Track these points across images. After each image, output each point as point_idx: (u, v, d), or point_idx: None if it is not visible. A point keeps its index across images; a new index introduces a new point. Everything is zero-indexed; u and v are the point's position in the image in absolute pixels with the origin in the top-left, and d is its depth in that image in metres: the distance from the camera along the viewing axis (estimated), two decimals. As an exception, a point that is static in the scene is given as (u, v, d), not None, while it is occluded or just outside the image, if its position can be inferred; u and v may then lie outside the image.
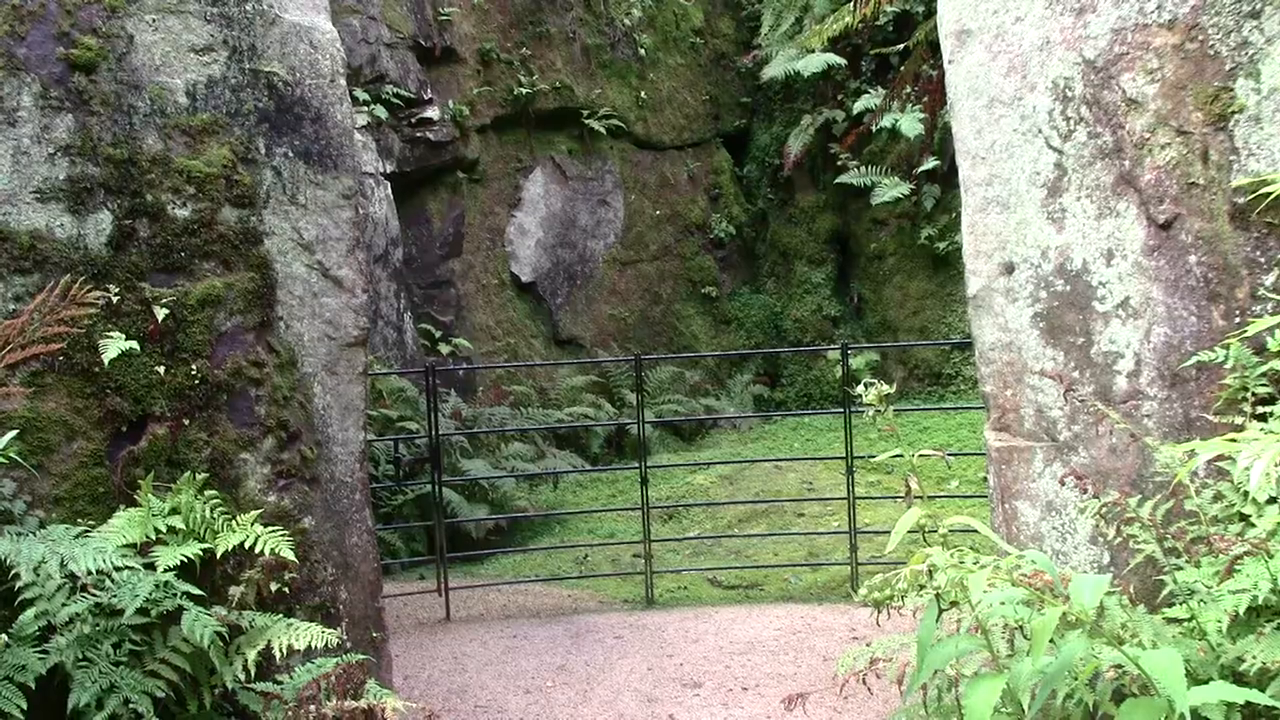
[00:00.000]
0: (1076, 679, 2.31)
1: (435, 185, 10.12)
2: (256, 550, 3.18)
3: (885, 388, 2.45)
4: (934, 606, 2.20)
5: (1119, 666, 2.18)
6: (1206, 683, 2.06)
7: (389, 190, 9.33)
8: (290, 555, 3.16)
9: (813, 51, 11.33)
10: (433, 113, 9.75)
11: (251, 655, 3.06)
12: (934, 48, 6.82)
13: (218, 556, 3.21)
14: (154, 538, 3.15)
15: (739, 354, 12.14)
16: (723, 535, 7.92)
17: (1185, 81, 2.92)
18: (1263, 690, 2.12)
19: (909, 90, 10.96)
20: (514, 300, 10.85)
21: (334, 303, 3.73)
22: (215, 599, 3.24)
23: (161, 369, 3.40)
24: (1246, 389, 2.80)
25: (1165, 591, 2.63)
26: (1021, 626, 2.46)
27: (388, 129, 9.37)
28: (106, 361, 3.29)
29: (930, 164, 11.38)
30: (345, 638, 3.57)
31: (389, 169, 9.37)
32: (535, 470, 8.83)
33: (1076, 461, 3.07)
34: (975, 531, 2.37)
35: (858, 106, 11.66)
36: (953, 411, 10.20)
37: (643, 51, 12.17)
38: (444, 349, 9.76)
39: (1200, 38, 2.91)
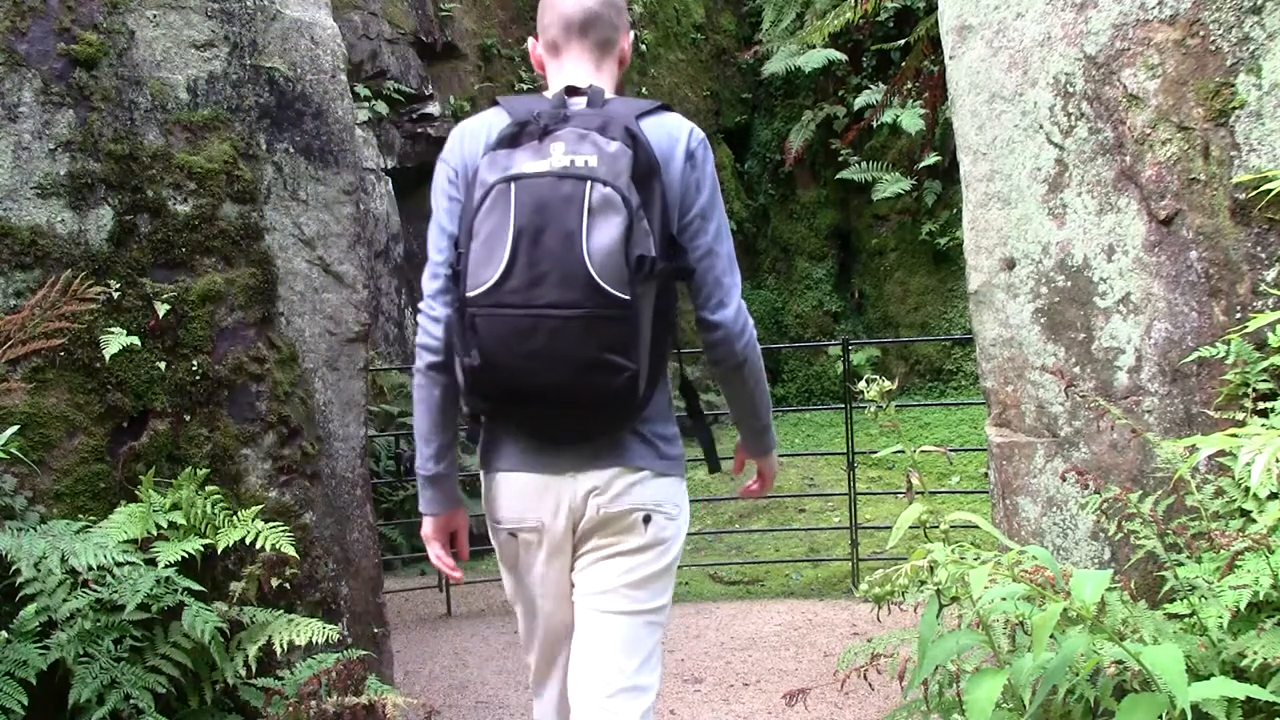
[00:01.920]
0: (1078, 675, 2.31)
1: (436, 181, 10.11)
2: (257, 546, 3.18)
3: (886, 383, 2.45)
4: (935, 602, 2.20)
5: (1120, 662, 2.18)
6: (1207, 678, 2.06)
7: (390, 186, 9.32)
8: (291, 551, 3.16)
9: (814, 47, 11.32)
10: (434, 108, 9.74)
11: (252, 651, 3.06)
12: (935, 43, 6.81)
13: (219, 552, 3.21)
14: (155, 533, 3.16)
15: (740, 350, 12.11)
16: (723, 531, 7.92)
17: (1186, 77, 2.92)
18: (1263, 686, 2.13)
19: (910, 86, 10.95)
20: (515, 296, 10.85)
21: (335, 298, 3.73)
22: (216, 595, 3.25)
23: (162, 365, 3.40)
24: (1247, 385, 2.80)
25: (1166, 587, 2.63)
26: (1023, 622, 2.47)
27: (389, 125, 9.37)
28: (108, 357, 3.29)
29: (931, 159, 11.38)
30: (346, 633, 3.58)
31: (390, 165, 9.36)
32: (536, 466, 8.83)
33: (1077, 457, 3.07)
34: (976, 527, 2.37)
35: (859, 102, 11.65)
36: (954, 407, 10.20)
37: (644, 47, 12.16)
38: (445, 345, 9.76)
39: (1201, 33, 2.90)
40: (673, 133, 2.27)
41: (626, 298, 2.07)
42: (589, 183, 2.08)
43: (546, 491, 2.28)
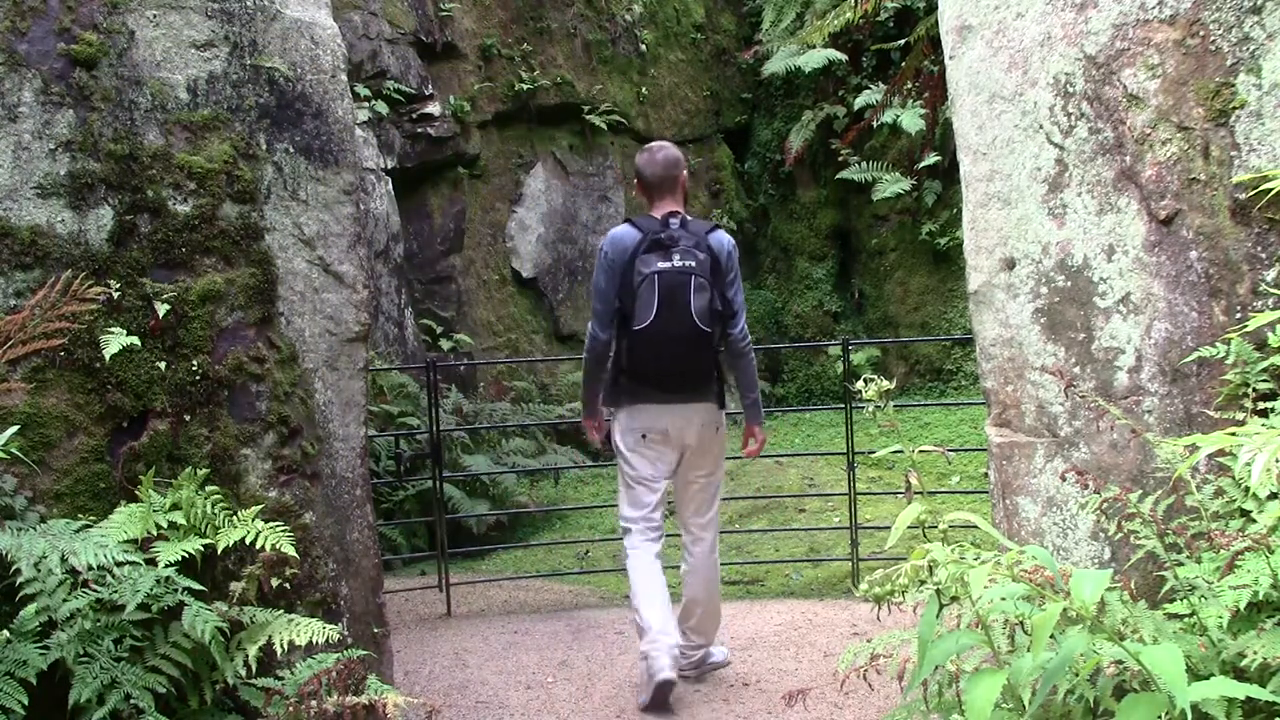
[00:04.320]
0: (1077, 675, 2.31)
1: (436, 181, 10.12)
2: (257, 546, 3.18)
3: (886, 383, 2.45)
4: (934, 602, 2.20)
5: (1120, 662, 2.18)
6: (1207, 678, 2.06)
7: (390, 186, 9.32)
8: (291, 551, 3.16)
9: (814, 47, 11.31)
10: (434, 108, 9.74)
11: (252, 651, 3.06)
12: (935, 43, 6.81)
13: (219, 552, 3.21)
14: (155, 533, 3.16)
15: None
16: (723, 531, 7.88)
17: (1186, 77, 2.92)
18: (1263, 686, 2.13)
19: (910, 86, 10.95)
20: (515, 296, 10.85)
21: (335, 298, 3.73)
22: (216, 595, 3.24)
23: (163, 364, 3.40)
24: (1247, 385, 2.80)
25: (1166, 587, 2.63)
26: (1022, 622, 2.46)
27: (389, 125, 9.37)
28: (108, 357, 3.29)
29: (931, 159, 11.37)
30: (346, 633, 3.58)
31: (390, 165, 9.36)
32: (536, 466, 8.84)
33: (1077, 457, 3.07)
34: (976, 527, 2.37)
35: (859, 102, 11.64)
36: (953, 407, 10.20)
37: (644, 47, 12.16)
38: (445, 345, 9.76)
39: (1201, 33, 2.90)
40: (723, 242, 4.52)
41: (709, 330, 4.39)
42: (692, 275, 4.34)
43: (666, 415, 4.53)
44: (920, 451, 2.57)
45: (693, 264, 4.31)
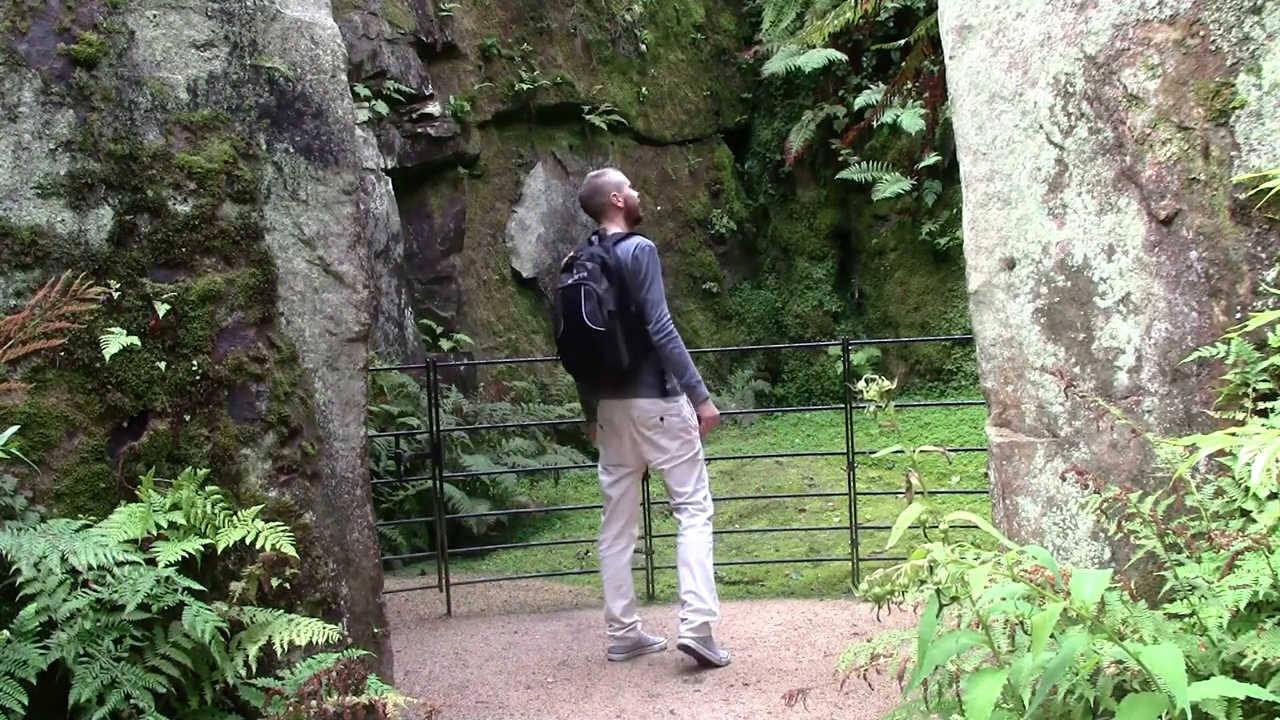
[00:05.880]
0: (1077, 674, 2.31)
1: (436, 181, 10.12)
2: (258, 546, 3.18)
3: (886, 383, 2.45)
4: (934, 602, 2.20)
5: (1120, 662, 2.18)
6: (1207, 678, 2.06)
7: (390, 186, 9.32)
8: (291, 551, 3.16)
9: (814, 47, 11.31)
10: (434, 108, 9.74)
11: (253, 651, 3.06)
12: (935, 43, 6.82)
13: (219, 552, 3.21)
14: (155, 533, 3.16)
15: (740, 349, 12.14)
16: (723, 531, 7.91)
17: (1186, 77, 2.92)
18: (1263, 686, 2.13)
19: (910, 86, 10.95)
20: (515, 296, 10.85)
21: (335, 298, 3.73)
22: (216, 594, 3.24)
23: (163, 364, 3.40)
24: (1247, 384, 2.80)
25: (1166, 587, 2.63)
26: (1022, 622, 2.46)
27: (389, 125, 9.37)
28: (108, 357, 3.29)
29: (931, 159, 11.38)
30: (346, 633, 3.58)
31: (390, 165, 9.36)
32: (536, 466, 8.84)
33: (1077, 457, 3.07)
34: (976, 527, 2.38)
35: (859, 102, 11.64)
36: (954, 407, 10.20)
37: (644, 47, 12.16)
38: (445, 345, 9.76)
39: (1201, 33, 2.90)
40: (627, 249, 4.88)
41: (602, 329, 4.76)
42: (581, 285, 4.79)
43: (611, 408, 5.00)
44: (920, 451, 2.58)
45: (584, 274, 4.80)
